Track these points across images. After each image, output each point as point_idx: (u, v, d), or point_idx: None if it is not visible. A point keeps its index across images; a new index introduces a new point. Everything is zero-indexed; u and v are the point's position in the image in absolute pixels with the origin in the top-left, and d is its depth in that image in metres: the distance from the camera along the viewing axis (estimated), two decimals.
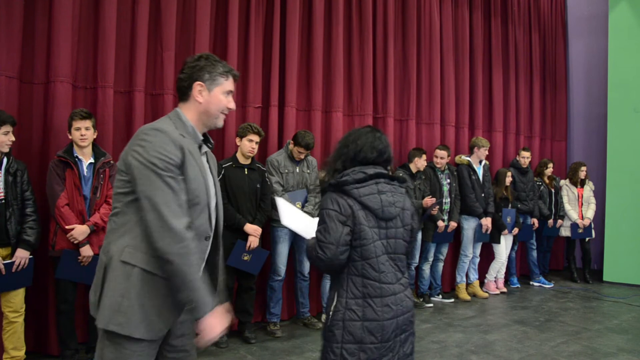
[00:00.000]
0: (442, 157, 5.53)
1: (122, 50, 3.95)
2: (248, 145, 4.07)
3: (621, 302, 5.74)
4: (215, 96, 1.80)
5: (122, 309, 1.63)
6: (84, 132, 3.35)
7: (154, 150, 1.63)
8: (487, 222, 5.72)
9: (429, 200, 5.17)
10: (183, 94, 1.81)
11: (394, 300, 2.00)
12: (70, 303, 3.39)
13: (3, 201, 3.12)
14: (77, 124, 3.35)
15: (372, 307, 1.96)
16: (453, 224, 5.54)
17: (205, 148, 1.89)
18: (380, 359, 1.96)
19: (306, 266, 4.56)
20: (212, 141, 1.92)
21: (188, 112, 1.80)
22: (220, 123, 1.86)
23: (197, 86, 1.77)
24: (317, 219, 2.04)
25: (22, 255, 3.15)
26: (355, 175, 2.01)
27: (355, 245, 1.97)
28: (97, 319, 1.68)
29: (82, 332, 3.58)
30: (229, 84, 1.83)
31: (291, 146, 4.41)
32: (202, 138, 1.84)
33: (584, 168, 6.75)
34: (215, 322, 1.67)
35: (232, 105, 1.85)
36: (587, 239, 6.77)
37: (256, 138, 4.09)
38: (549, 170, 6.72)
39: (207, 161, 1.89)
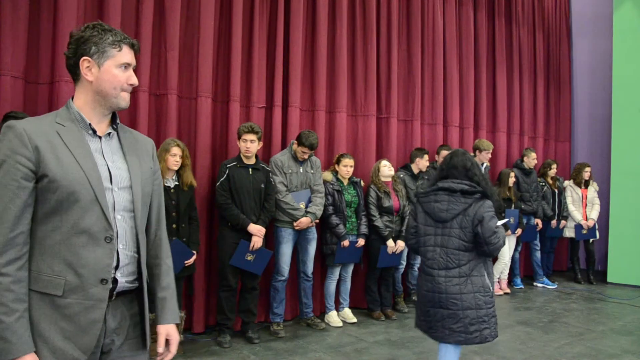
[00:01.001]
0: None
1: None
2: (243, 146, 4.06)
3: (625, 303, 5.72)
4: (108, 71, 1.49)
5: None
6: None
7: None
8: None
9: None
10: (73, 73, 1.53)
11: (433, 279, 2.77)
12: None
13: None
14: None
15: (422, 278, 2.87)
16: None
17: (109, 130, 1.58)
18: (422, 315, 2.89)
19: (309, 267, 4.56)
20: (117, 121, 1.60)
21: (80, 95, 1.52)
22: (122, 103, 1.54)
23: (84, 62, 1.48)
24: None
25: None
26: (427, 189, 2.94)
27: (417, 236, 2.92)
28: None
29: None
30: (123, 55, 1.52)
31: (295, 146, 4.41)
32: (88, 122, 1.52)
33: (588, 169, 6.73)
34: None
35: (132, 80, 1.54)
36: (591, 240, 6.75)
37: (251, 137, 4.04)
38: (552, 171, 6.71)
39: (121, 145, 1.59)
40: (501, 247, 2.74)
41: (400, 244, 4.90)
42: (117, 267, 1.50)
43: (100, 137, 1.54)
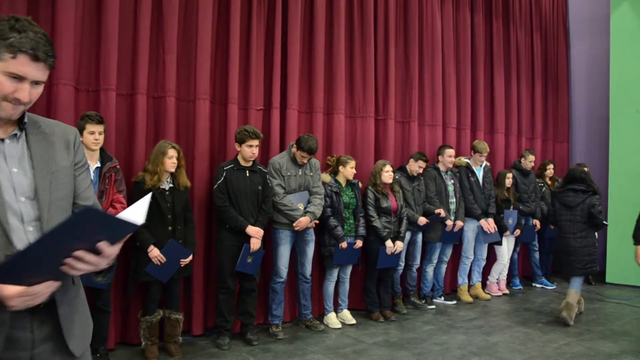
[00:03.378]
0: (450, 156, 5.58)
1: (124, 53, 3.96)
2: (248, 151, 4.07)
3: (624, 303, 5.73)
4: None
5: None
6: (97, 137, 3.41)
7: None
8: (485, 223, 5.71)
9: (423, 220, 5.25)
10: None
11: (566, 240, 4.81)
12: None
13: None
14: (92, 127, 3.38)
15: (560, 241, 4.93)
16: (459, 223, 5.55)
17: (14, 131, 1.39)
18: (558, 262, 5.13)
19: (308, 268, 4.56)
20: (25, 119, 1.40)
21: None
22: (2, 113, 1.32)
23: None
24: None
25: None
26: (560, 189, 5.02)
27: (555, 216, 5.02)
28: None
29: None
30: (16, 63, 1.27)
31: (294, 150, 4.42)
32: None
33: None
34: None
35: (20, 95, 1.30)
36: None
37: (255, 142, 4.08)
38: (549, 172, 6.72)
39: (27, 146, 1.40)
40: (602, 223, 4.83)
41: (399, 244, 4.90)
42: None
43: (2, 140, 1.36)
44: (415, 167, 5.30)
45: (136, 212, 1.38)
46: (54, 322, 1.42)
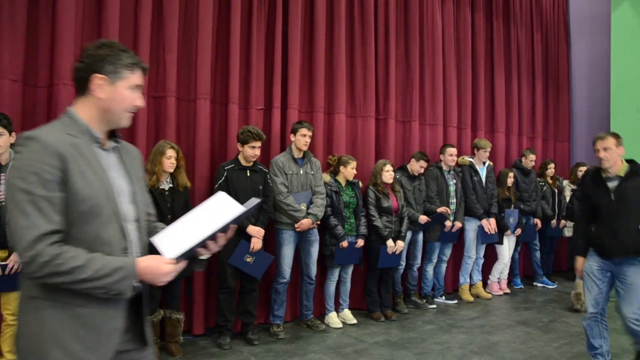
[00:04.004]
0: (451, 154, 5.57)
1: None
2: (251, 152, 4.07)
3: None
4: (119, 92, 1.53)
5: (35, 351, 1.42)
6: None
7: (22, 166, 1.39)
8: (487, 224, 5.71)
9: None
10: (80, 86, 1.54)
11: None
12: None
13: (4, 204, 3.13)
14: None
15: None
16: (458, 224, 5.55)
17: (111, 144, 1.61)
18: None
19: (312, 269, 4.56)
20: (118, 134, 1.64)
21: (85, 109, 1.53)
22: (124, 122, 1.58)
23: (96, 79, 1.50)
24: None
25: (16, 259, 3.11)
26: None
27: None
28: None
29: None
30: (136, 77, 1.56)
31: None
32: (98, 136, 1.54)
33: (582, 168, 6.75)
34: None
35: (139, 102, 1.59)
36: None
37: (258, 144, 4.09)
38: (550, 171, 6.71)
39: (122, 158, 1.63)
40: None
41: (400, 244, 4.90)
42: None
43: (105, 151, 1.58)
44: (417, 166, 5.30)
45: (229, 206, 1.58)
46: (134, 312, 1.59)
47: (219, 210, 1.58)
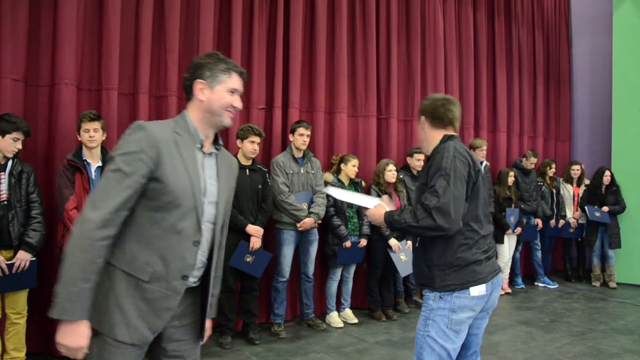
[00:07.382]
0: None
1: (126, 53, 3.96)
2: (250, 147, 4.08)
3: (627, 302, 5.72)
4: (217, 93, 1.74)
5: (100, 308, 1.62)
6: (92, 134, 3.38)
7: (123, 146, 1.62)
8: None
9: None
10: (188, 93, 1.79)
11: None
12: None
13: (5, 203, 3.13)
14: (85, 125, 3.38)
15: None
16: None
17: (212, 149, 1.82)
18: None
19: (310, 268, 4.56)
20: (220, 142, 1.86)
21: (193, 112, 1.77)
22: (226, 121, 1.78)
23: (198, 84, 1.74)
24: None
25: (22, 257, 3.14)
26: None
27: None
28: None
29: None
30: (232, 81, 1.76)
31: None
32: (202, 137, 1.76)
33: (575, 167, 6.77)
34: (66, 334, 1.55)
35: (237, 103, 1.77)
36: (579, 238, 6.79)
37: (257, 139, 4.10)
38: (551, 171, 6.72)
39: (217, 164, 1.83)
40: None
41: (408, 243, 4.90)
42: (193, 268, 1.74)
43: (203, 153, 1.77)
44: (415, 162, 5.30)
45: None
46: (193, 300, 1.82)
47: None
